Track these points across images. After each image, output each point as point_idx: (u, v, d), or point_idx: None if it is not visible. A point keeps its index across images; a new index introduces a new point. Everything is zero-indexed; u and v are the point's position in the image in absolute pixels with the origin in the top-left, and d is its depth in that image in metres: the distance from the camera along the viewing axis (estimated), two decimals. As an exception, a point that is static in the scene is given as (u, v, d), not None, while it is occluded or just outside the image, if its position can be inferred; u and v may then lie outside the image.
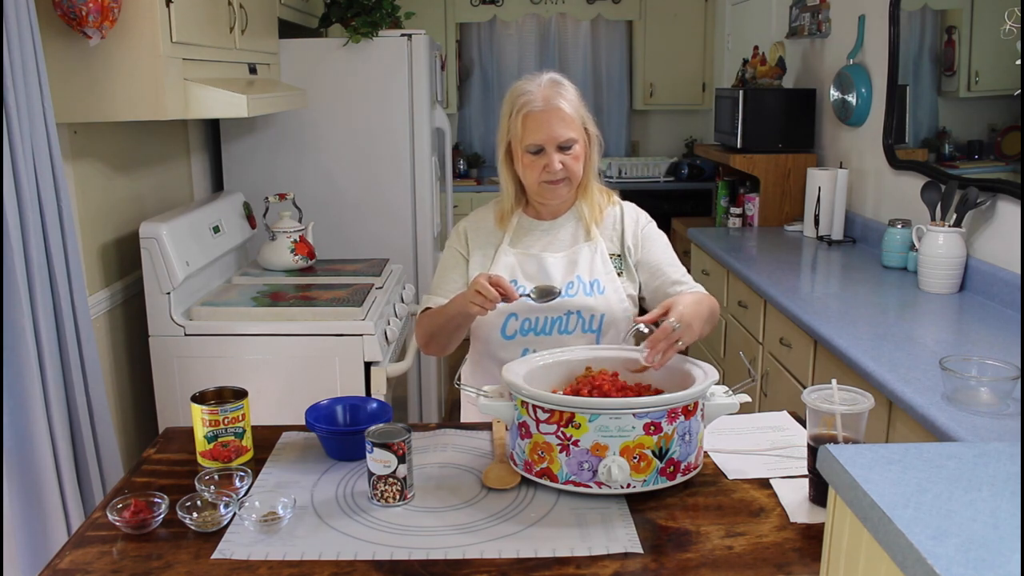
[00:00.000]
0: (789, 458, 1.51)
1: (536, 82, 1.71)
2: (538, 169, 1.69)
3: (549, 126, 1.66)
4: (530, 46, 5.88)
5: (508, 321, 1.73)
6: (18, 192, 1.88)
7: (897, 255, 2.87)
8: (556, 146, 1.67)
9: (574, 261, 1.76)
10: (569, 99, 1.70)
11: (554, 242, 1.79)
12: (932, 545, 0.80)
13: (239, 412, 1.53)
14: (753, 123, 3.72)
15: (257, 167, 3.43)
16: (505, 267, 1.76)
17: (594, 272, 1.75)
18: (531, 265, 1.76)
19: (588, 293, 1.73)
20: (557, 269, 1.75)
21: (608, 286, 1.75)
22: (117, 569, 1.21)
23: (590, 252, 1.77)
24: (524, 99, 1.69)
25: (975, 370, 1.69)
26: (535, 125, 1.67)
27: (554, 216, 1.81)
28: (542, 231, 1.80)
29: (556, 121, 1.66)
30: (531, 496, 1.39)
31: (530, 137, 1.67)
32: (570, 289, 1.73)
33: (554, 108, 1.66)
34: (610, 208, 1.83)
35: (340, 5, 3.48)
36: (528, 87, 1.70)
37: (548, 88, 1.69)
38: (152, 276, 2.45)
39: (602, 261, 1.77)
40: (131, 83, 2.19)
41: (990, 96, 2.64)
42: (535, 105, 1.67)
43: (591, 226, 1.79)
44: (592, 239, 1.78)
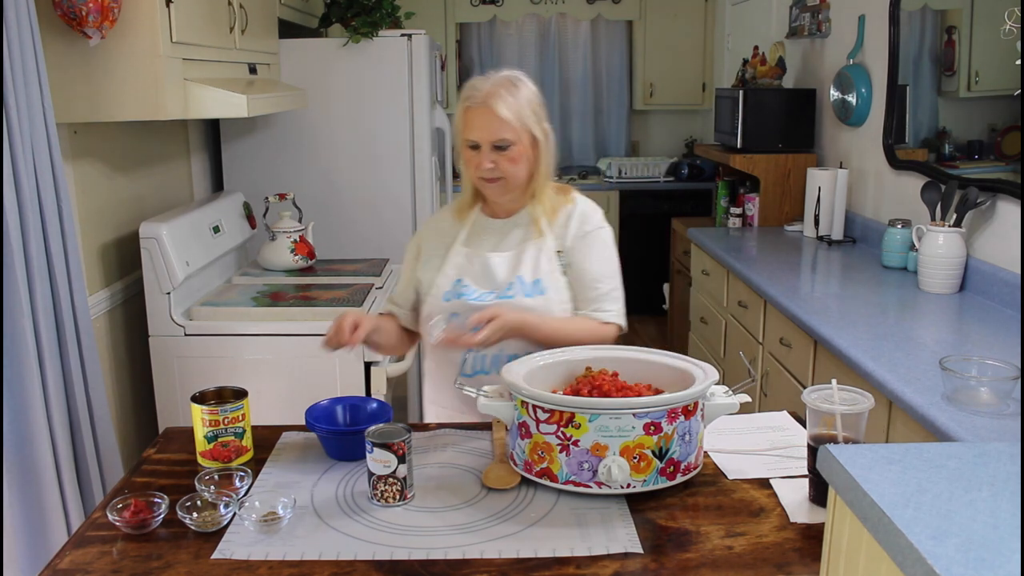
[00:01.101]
0: (789, 458, 1.51)
1: (489, 79, 1.71)
2: (473, 165, 1.70)
3: (482, 124, 1.66)
4: (530, 46, 5.88)
5: (451, 320, 1.72)
6: (18, 192, 1.88)
7: (897, 255, 2.86)
8: (491, 145, 1.67)
9: (518, 261, 1.74)
10: (512, 100, 1.67)
11: (504, 241, 1.78)
12: (932, 545, 0.80)
13: (239, 412, 1.53)
14: (753, 123, 3.72)
15: (257, 167, 3.43)
16: (455, 267, 1.76)
17: (538, 271, 1.73)
18: (477, 265, 1.75)
19: (528, 294, 1.71)
20: (501, 268, 1.74)
21: (550, 286, 1.72)
22: (117, 569, 1.21)
23: (536, 250, 1.74)
24: (468, 93, 1.69)
25: (975, 370, 1.69)
26: (471, 121, 1.67)
27: (508, 215, 1.80)
28: (495, 230, 1.80)
29: (491, 119, 1.65)
30: (531, 496, 1.39)
31: (467, 132, 1.69)
32: (509, 290, 1.71)
33: (491, 107, 1.65)
34: (566, 206, 1.80)
35: (340, 5, 3.48)
36: (477, 83, 1.70)
37: (495, 86, 1.68)
38: (152, 276, 2.45)
39: (547, 259, 1.74)
40: (131, 83, 2.19)
41: (990, 96, 2.64)
42: (474, 101, 1.67)
43: (540, 223, 1.76)
44: (541, 236, 1.76)
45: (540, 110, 1.72)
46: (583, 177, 5.66)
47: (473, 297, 1.72)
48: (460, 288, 1.74)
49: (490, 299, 1.71)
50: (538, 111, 1.72)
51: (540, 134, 1.72)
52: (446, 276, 1.76)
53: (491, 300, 1.70)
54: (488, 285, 1.73)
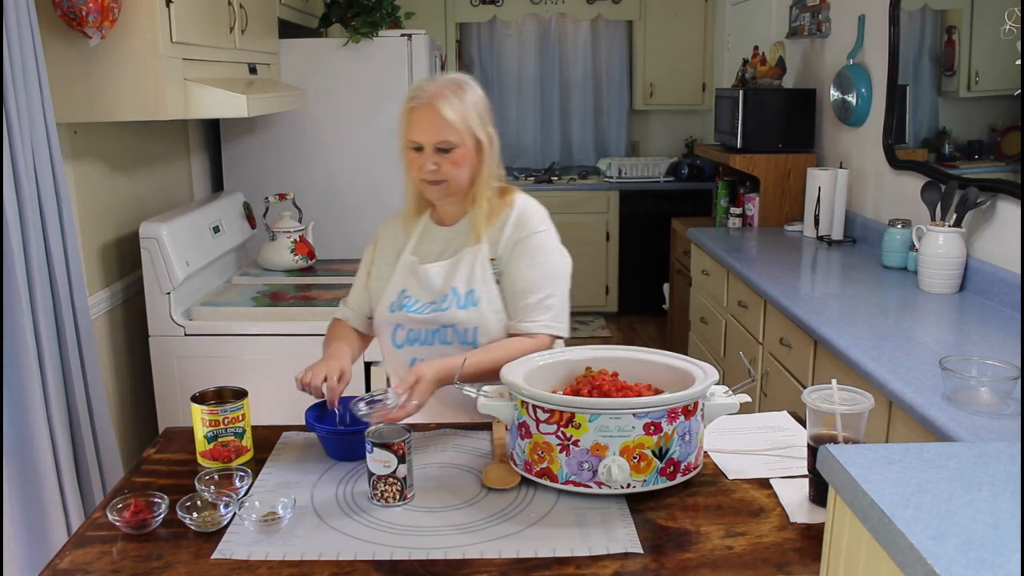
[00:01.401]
0: (789, 458, 1.51)
1: (436, 81, 1.68)
2: (416, 167, 1.68)
3: (429, 125, 1.63)
4: (530, 46, 5.88)
5: (396, 331, 1.74)
6: (18, 192, 1.89)
7: (897, 255, 2.86)
8: (433, 147, 1.65)
9: (453, 271, 1.71)
10: (457, 103, 1.64)
11: (448, 249, 1.75)
12: (932, 545, 0.80)
13: (239, 412, 1.53)
14: (753, 123, 3.72)
15: (257, 167, 3.43)
16: (401, 275, 1.75)
17: (472, 281, 1.70)
18: (419, 275, 1.73)
19: (462, 306, 1.69)
20: (438, 279, 1.71)
21: (483, 296, 1.69)
22: (117, 569, 1.21)
23: (471, 259, 1.71)
24: (413, 94, 1.67)
25: (975, 370, 1.69)
26: (415, 121, 1.65)
27: (454, 221, 1.77)
28: (441, 238, 1.77)
29: (435, 120, 1.63)
30: (531, 496, 1.39)
31: (409, 133, 1.66)
32: (444, 302, 1.70)
33: (435, 108, 1.63)
34: (505, 210, 1.74)
35: (340, 5, 3.48)
36: (423, 84, 1.68)
37: (441, 87, 1.65)
38: (152, 276, 2.45)
39: (481, 268, 1.70)
40: (131, 83, 2.19)
41: (990, 96, 2.64)
42: (419, 101, 1.64)
43: (478, 230, 1.73)
44: (478, 243, 1.72)
45: (485, 114, 1.69)
46: (583, 177, 5.67)
47: (413, 309, 1.71)
48: (403, 299, 1.73)
49: (429, 311, 1.70)
50: (483, 115, 1.68)
51: (484, 138, 1.68)
52: (393, 286, 1.75)
53: (430, 312, 1.69)
54: (429, 296, 1.72)
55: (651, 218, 5.42)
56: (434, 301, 1.71)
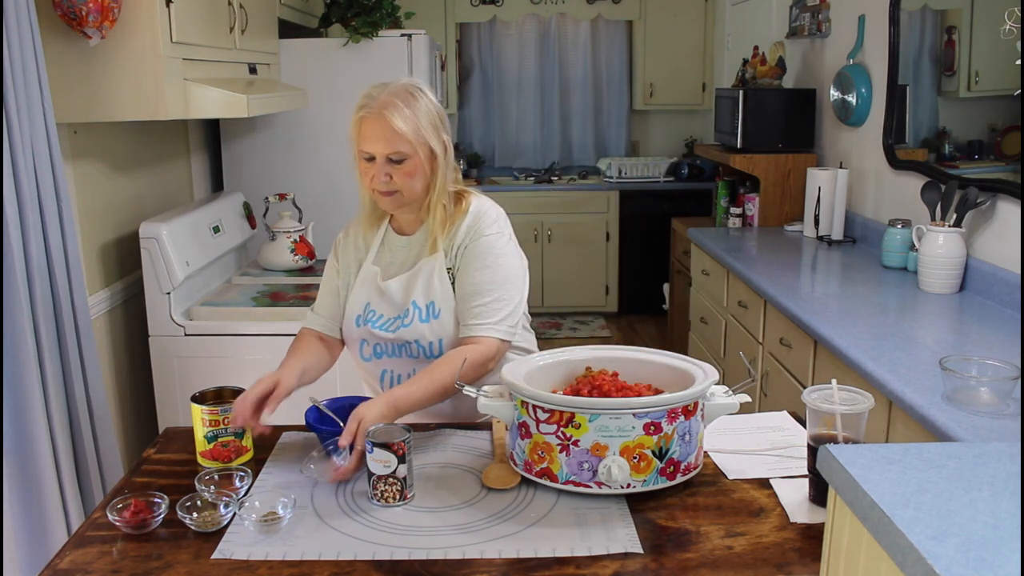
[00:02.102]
0: (789, 458, 1.51)
1: (387, 88, 1.62)
2: (368, 177, 1.63)
3: (380, 135, 1.58)
4: (530, 46, 5.88)
5: (363, 345, 1.72)
6: (18, 192, 1.89)
7: (897, 255, 2.86)
8: (385, 157, 1.60)
9: (412, 282, 1.68)
10: (409, 113, 1.58)
11: (408, 260, 1.72)
12: (932, 545, 0.80)
13: (239, 412, 1.53)
14: (753, 123, 3.72)
15: (257, 167, 3.43)
16: (364, 287, 1.71)
17: (430, 292, 1.66)
18: (377, 289, 1.70)
19: (423, 320, 1.65)
20: (398, 294, 1.68)
21: (443, 307, 1.65)
22: (117, 569, 1.21)
23: (429, 269, 1.67)
24: (363, 102, 1.61)
25: (975, 370, 1.69)
26: (366, 132, 1.59)
27: (413, 230, 1.73)
28: (401, 247, 1.74)
29: (389, 132, 1.58)
30: (531, 496, 1.39)
31: (361, 143, 1.61)
32: (406, 317, 1.66)
33: (385, 119, 1.57)
34: (461, 216, 1.69)
35: (340, 5, 3.48)
36: (374, 91, 1.61)
37: (392, 96, 1.59)
38: (152, 276, 2.45)
39: (439, 278, 1.67)
40: (131, 83, 2.19)
41: (990, 96, 2.64)
42: (370, 111, 1.58)
43: (434, 239, 1.68)
44: (433, 253, 1.68)
45: (439, 122, 1.63)
46: (583, 177, 5.67)
47: (378, 325, 1.69)
48: (368, 314, 1.70)
49: (394, 327, 1.67)
50: (437, 123, 1.62)
51: (438, 147, 1.62)
52: (357, 299, 1.72)
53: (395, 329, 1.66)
54: (392, 310, 1.69)
55: (651, 218, 5.42)
56: (398, 316, 1.67)
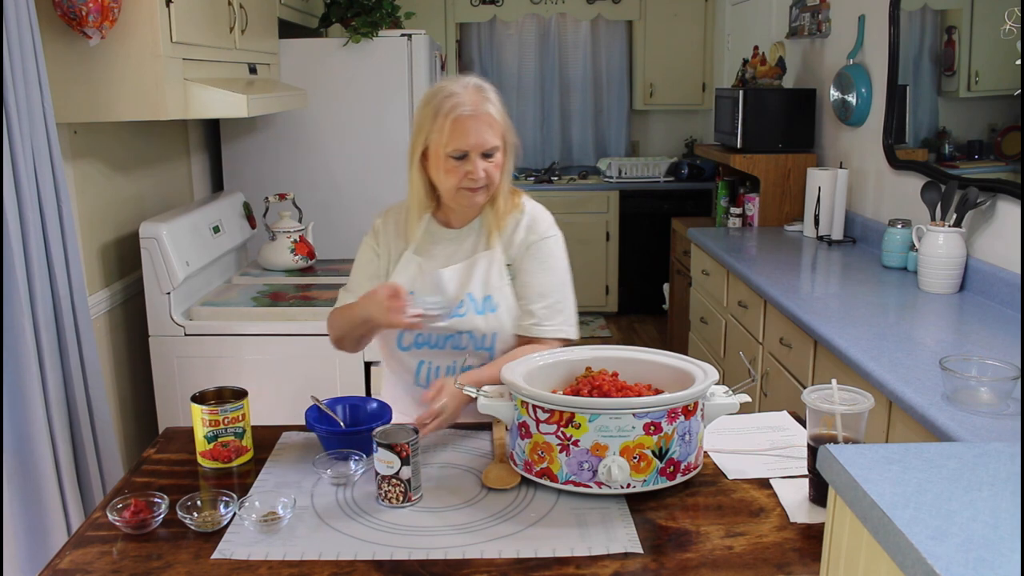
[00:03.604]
0: (789, 458, 1.51)
1: (461, 83, 1.64)
2: (459, 175, 1.63)
3: (478, 132, 1.60)
4: (530, 46, 5.88)
5: (402, 334, 1.70)
6: (18, 192, 1.89)
7: (897, 255, 2.86)
8: (480, 153, 1.62)
9: (469, 274, 1.69)
10: (496, 105, 1.64)
11: (458, 252, 1.73)
12: (932, 545, 0.80)
13: (239, 412, 1.53)
14: (753, 123, 3.72)
15: (257, 167, 3.43)
16: (406, 277, 1.71)
17: (488, 286, 1.68)
18: (428, 279, 1.70)
19: (479, 312, 1.67)
20: (452, 284, 1.69)
21: (501, 302, 1.68)
22: (117, 569, 1.21)
23: (486, 263, 1.70)
24: (453, 101, 1.61)
25: (975, 370, 1.69)
26: (463, 130, 1.60)
27: (462, 224, 1.75)
28: (448, 240, 1.74)
29: (485, 127, 1.61)
30: (531, 496, 1.39)
31: (456, 142, 1.60)
32: (460, 308, 1.67)
33: (484, 114, 1.61)
34: (515, 213, 1.74)
35: (340, 5, 3.48)
36: (454, 89, 1.63)
37: (475, 93, 1.63)
38: (152, 276, 2.45)
39: (498, 273, 1.69)
40: (131, 83, 2.19)
41: (990, 96, 2.64)
42: (464, 109, 1.60)
43: (492, 235, 1.72)
44: (491, 248, 1.71)
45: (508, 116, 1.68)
46: (583, 177, 5.67)
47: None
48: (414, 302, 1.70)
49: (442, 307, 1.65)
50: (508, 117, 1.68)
51: (513, 139, 1.68)
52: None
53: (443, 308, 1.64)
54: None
55: (651, 218, 5.42)
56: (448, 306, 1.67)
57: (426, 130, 1.64)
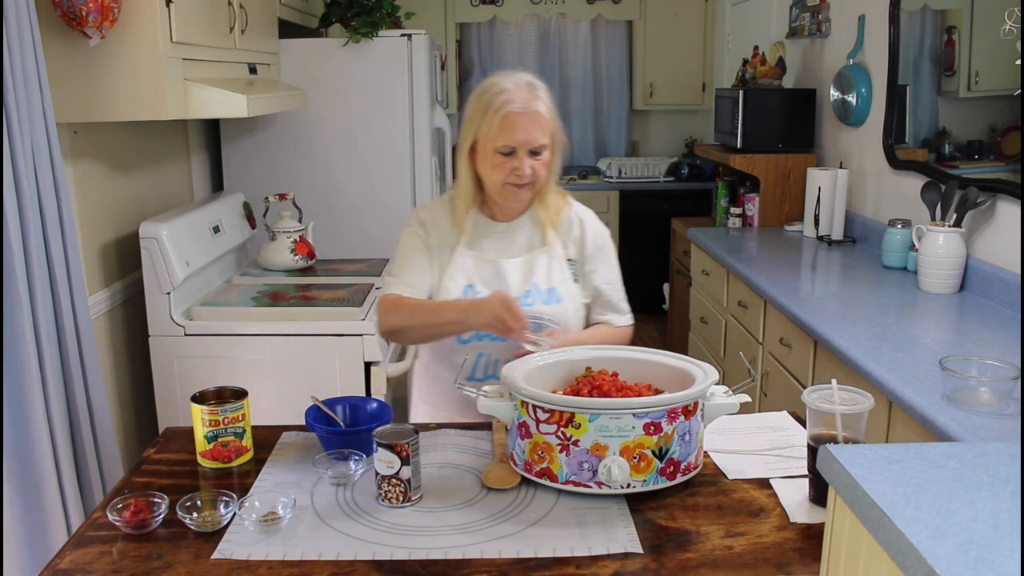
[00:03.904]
0: (789, 458, 1.51)
1: (513, 80, 1.66)
2: (506, 170, 1.65)
3: (527, 129, 1.62)
4: (530, 46, 5.88)
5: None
6: (18, 192, 1.89)
7: (897, 255, 2.86)
8: (528, 150, 1.64)
9: (531, 268, 1.72)
10: (546, 103, 1.66)
11: (511, 246, 1.75)
12: (932, 545, 0.80)
13: (239, 412, 1.53)
14: (753, 123, 3.72)
15: (257, 167, 3.43)
16: (462, 270, 1.72)
17: (551, 280, 1.73)
18: (488, 271, 1.72)
19: (545, 302, 1.70)
20: (514, 276, 1.71)
21: (565, 295, 1.73)
22: (117, 569, 1.21)
23: (547, 258, 1.74)
24: (504, 98, 1.63)
25: (975, 370, 1.69)
26: (512, 127, 1.62)
27: (510, 218, 1.77)
28: (499, 233, 1.76)
29: (534, 125, 1.63)
30: (531, 496, 1.39)
31: (504, 138, 1.62)
32: (527, 298, 1.70)
33: (534, 111, 1.63)
34: (566, 211, 1.79)
35: (340, 5, 3.48)
36: (506, 85, 1.65)
37: (527, 90, 1.65)
38: (152, 276, 2.45)
39: (559, 268, 1.74)
40: (131, 83, 2.19)
41: (990, 96, 2.64)
42: (515, 106, 1.62)
43: (547, 230, 1.75)
44: (548, 244, 1.75)
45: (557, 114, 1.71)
46: (583, 177, 5.66)
47: None
48: (473, 295, 1.71)
49: None
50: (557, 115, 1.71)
51: (562, 137, 1.71)
52: (454, 280, 1.72)
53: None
54: None
55: (651, 218, 5.42)
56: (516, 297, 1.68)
57: (476, 124, 1.66)
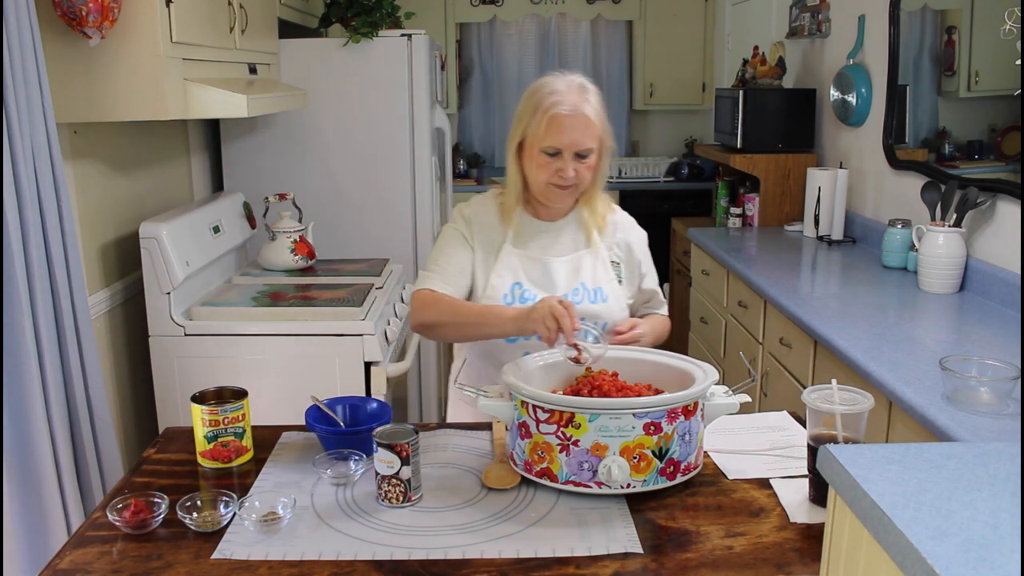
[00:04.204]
0: (789, 458, 1.51)
1: (565, 82, 1.67)
2: (550, 171, 1.66)
3: (573, 132, 1.63)
4: (530, 46, 5.88)
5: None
6: (18, 192, 1.88)
7: (897, 255, 2.87)
8: (574, 153, 1.65)
9: (577, 267, 1.74)
10: (595, 107, 1.67)
11: (555, 245, 1.77)
12: (932, 545, 0.80)
13: (239, 412, 1.53)
14: (753, 123, 3.72)
15: (257, 167, 3.43)
16: (508, 268, 1.73)
17: (597, 279, 1.75)
18: (535, 269, 1.73)
19: (593, 301, 1.72)
20: (561, 274, 1.73)
21: (611, 294, 1.75)
22: (117, 569, 1.21)
23: (592, 259, 1.76)
24: (553, 99, 1.64)
25: (975, 370, 1.69)
26: (559, 128, 1.63)
27: (554, 218, 1.79)
28: (543, 232, 1.78)
29: (580, 128, 1.63)
30: (531, 496, 1.39)
31: (551, 139, 1.63)
32: (575, 295, 1.71)
33: (581, 115, 1.63)
34: (611, 216, 1.83)
35: (340, 5, 3.48)
36: (557, 86, 1.66)
37: (577, 92, 1.66)
38: (152, 276, 2.45)
39: (603, 268, 1.77)
40: (131, 83, 2.19)
41: (990, 96, 2.64)
42: (563, 108, 1.63)
43: (592, 232, 1.77)
44: (593, 246, 1.77)
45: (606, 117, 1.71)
46: (583, 177, 5.66)
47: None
48: (522, 292, 1.71)
49: None
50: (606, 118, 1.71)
51: (611, 141, 1.72)
52: (501, 278, 1.72)
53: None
54: (547, 290, 1.71)
55: (651, 218, 5.38)
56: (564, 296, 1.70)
57: (524, 123, 1.68)
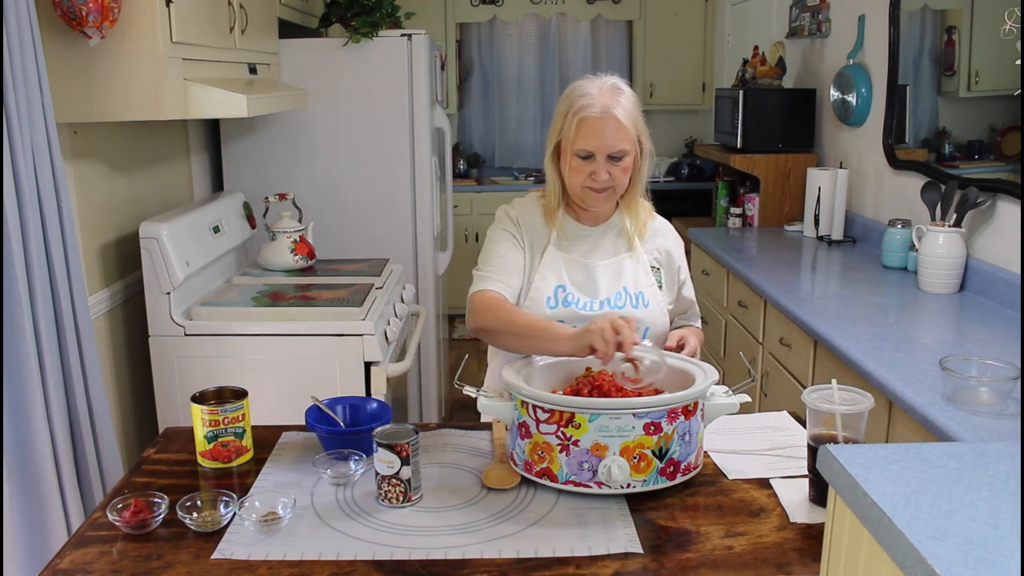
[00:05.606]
0: (789, 458, 1.51)
1: (598, 84, 1.67)
2: (584, 174, 1.66)
3: (603, 134, 1.62)
4: (530, 46, 5.88)
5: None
6: (18, 192, 1.88)
7: (897, 255, 2.87)
8: (606, 155, 1.64)
9: (619, 271, 1.74)
10: (627, 109, 1.65)
11: (597, 249, 1.77)
12: (932, 545, 0.80)
13: (239, 412, 1.53)
14: (753, 123, 3.72)
15: (257, 167, 3.43)
16: (552, 270, 1.73)
17: (638, 284, 1.75)
18: (579, 272, 1.73)
19: (635, 306, 1.72)
20: (604, 278, 1.73)
21: (652, 299, 1.75)
22: (117, 569, 1.21)
23: (633, 264, 1.76)
24: (583, 101, 1.64)
25: (975, 370, 1.69)
26: (589, 131, 1.63)
27: (596, 222, 1.78)
28: (585, 236, 1.77)
29: (611, 130, 1.62)
30: (531, 496, 1.39)
31: (582, 142, 1.63)
32: (618, 300, 1.71)
33: (611, 116, 1.62)
34: (651, 223, 1.83)
35: (340, 5, 3.48)
36: (589, 89, 1.66)
37: (609, 94, 1.65)
38: (152, 276, 2.45)
39: (644, 274, 1.77)
40: (131, 83, 2.19)
41: (990, 96, 2.64)
42: (592, 111, 1.62)
43: (633, 238, 1.78)
44: (634, 251, 1.77)
45: (641, 116, 1.70)
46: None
47: (580, 306, 1.70)
48: (565, 295, 1.71)
49: (595, 308, 1.70)
50: (642, 118, 1.69)
51: (647, 143, 1.70)
52: (545, 280, 1.72)
53: (597, 310, 1.69)
54: (590, 293, 1.71)
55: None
56: (606, 299, 1.71)
57: (559, 126, 1.68)
